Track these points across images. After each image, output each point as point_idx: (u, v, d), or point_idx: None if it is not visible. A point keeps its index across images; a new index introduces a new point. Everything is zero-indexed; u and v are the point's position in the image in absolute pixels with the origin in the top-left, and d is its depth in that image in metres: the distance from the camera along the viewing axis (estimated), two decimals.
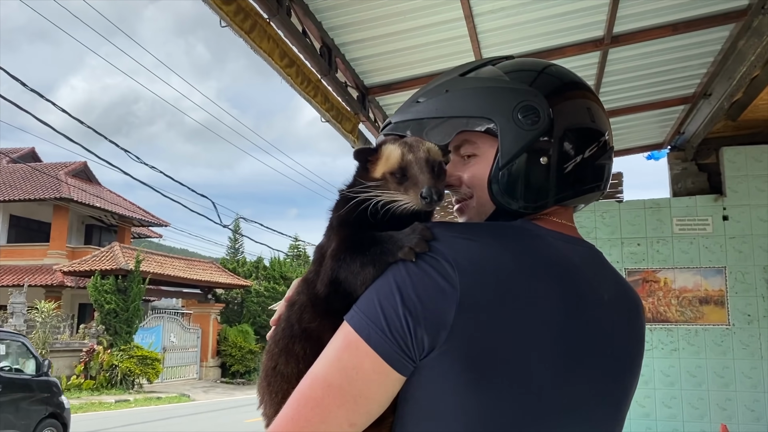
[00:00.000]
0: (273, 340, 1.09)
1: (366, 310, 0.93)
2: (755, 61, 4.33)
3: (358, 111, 4.59)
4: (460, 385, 0.90)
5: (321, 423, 0.91)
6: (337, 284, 0.99)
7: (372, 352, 0.91)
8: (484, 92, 1.10)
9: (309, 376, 0.95)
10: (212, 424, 14.01)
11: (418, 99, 1.17)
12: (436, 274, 0.91)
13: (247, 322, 27.49)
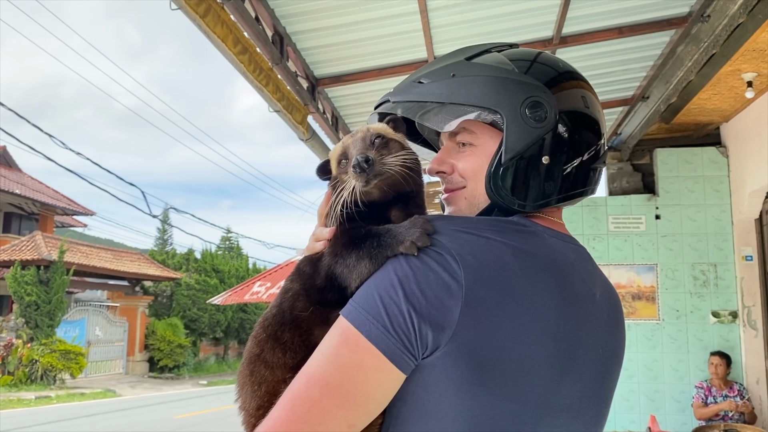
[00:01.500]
0: (261, 326, 1.03)
1: (365, 305, 0.89)
2: (692, 67, 4.53)
3: (308, 102, 4.52)
4: (465, 385, 0.87)
5: (319, 424, 0.85)
6: (333, 278, 0.97)
7: (373, 349, 0.86)
8: (492, 82, 1.05)
9: (304, 374, 0.89)
10: (139, 421, 13.58)
11: (420, 79, 1.11)
12: (441, 269, 0.88)
13: (177, 316, 26.79)
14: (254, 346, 1.01)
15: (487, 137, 1.08)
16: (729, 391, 5.69)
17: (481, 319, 0.86)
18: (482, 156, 1.08)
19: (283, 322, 1.00)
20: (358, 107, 5.37)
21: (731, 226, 6.21)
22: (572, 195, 1.08)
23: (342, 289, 0.95)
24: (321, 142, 5.30)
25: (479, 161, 1.08)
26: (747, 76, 5.11)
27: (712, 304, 6.09)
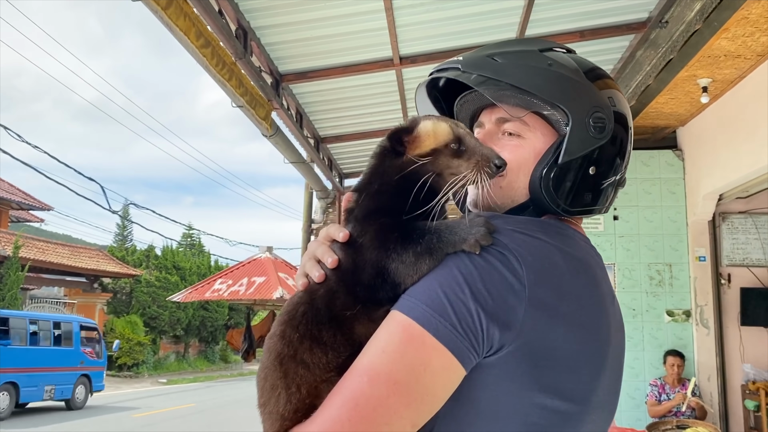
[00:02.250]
0: (289, 326, 0.95)
1: (429, 303, 0.86)
2: (650, 71, 4.64)
3: (272, 98, 4.49)
4: (525, 384, 0.88)
5: (385, 424, 0.82)
6: (384, 274, 0.92)
7: (441, 347, 0.85)
8: (566, 81, 1.05)
9: (365, 372, 0.85)
10: (96, 420, 13.31)
11: (493, 56, 1.07)
12: (504, 268, 0.88)
13: (136, 313, 26.32)
14: (284, 346, 0.93)
15: (540, 134, 1.07)
16: (681, 389, 5.85)
17: (540, 318, 0.88)
18: (530, 150, 1.07)
19: (320, 320, 0.93)
20: (323, 104, 5.36)
21: (686, 228, 6.38)
22: (597, 209, 1.11)
23: (394, 286, 0.91)
24: (285, 138, 5.28)
25: (526, 155, 1.07)
26: (702, 82, 5.26)
27: (666, 304, 6.25)
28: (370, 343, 0.88)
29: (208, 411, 15.06)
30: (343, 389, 0.85)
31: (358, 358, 0.87)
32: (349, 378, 0.86)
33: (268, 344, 0.97)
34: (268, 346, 0.97)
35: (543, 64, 1.05)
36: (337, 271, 0.96)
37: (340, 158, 7.02)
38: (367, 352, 0.87)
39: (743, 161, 5.25)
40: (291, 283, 6.04)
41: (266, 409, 0.93)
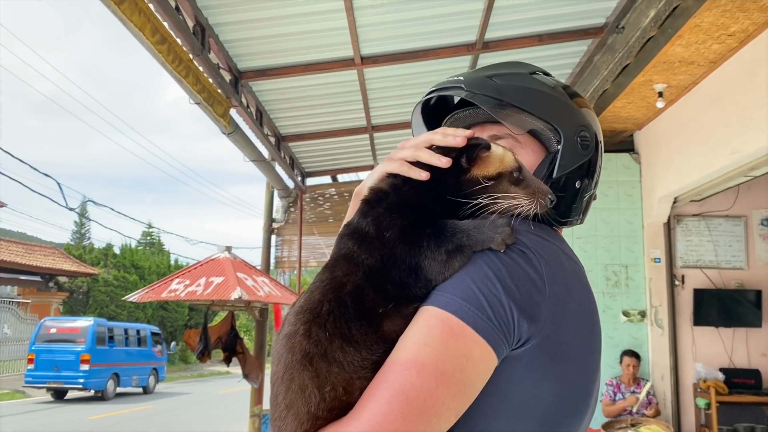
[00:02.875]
0: (316, 324, 0.93)
1: (465, 297, 0.90)
2: (607, 76, 4.72)
3: (231, 95, 4.43)
4: (545, 375, 0.93)
5: (434, 415, 0.85)
6: (418, 271, 0.94)
7: (480, 340, 0.88)
8: (557, 102, 1.14)
9: (411, 365, 0.87)
10: (50, 422, 12.97)
11: (492, 77, 1.14)
12: (527, 265, 0.94)
13: (94, 313, 25.77)
14: (313, 346, 0.91)
15: (530, 150, 1.15)
16: (636, 388, 5.97)
17: (557, 313, 0.94)
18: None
19: (348, 318, 0.93)
20: (283, 102, 5.31)
21: (642, 230, 6.51)
22: (578, 220, 1.19)
23: (427, 282, 0.93)
24: (244, 136, 5.22)
25: None
26: (658, 87, 5.37)
27: (622, 304, 6.38)
28: (407, 338, 0.90)
29: (166, 412, 14.84)
30: (388, 383, 0.86)
31: (396, 353, 0.89)
32: (393, 372, 0.87)
33: (289, 344, 0.93)
34: (289, 345, 0.93)
35: (536, 86, 1.14)
36: (361, 265, 0.95)
37: (302, 157, 6.97)
38: (406, 347, 0.88)
39: (696, 165, 5.39)
40: (250, 284, 5.97)
41: (293, 410, 0.90)
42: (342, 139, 6.31)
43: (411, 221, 0.96)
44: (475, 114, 1.17)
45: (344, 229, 1.02)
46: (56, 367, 16.50)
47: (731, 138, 4.79)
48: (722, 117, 4.93)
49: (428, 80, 5.15)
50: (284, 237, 7.50)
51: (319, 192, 7.61)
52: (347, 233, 1.00)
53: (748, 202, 6.52)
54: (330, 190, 7.67)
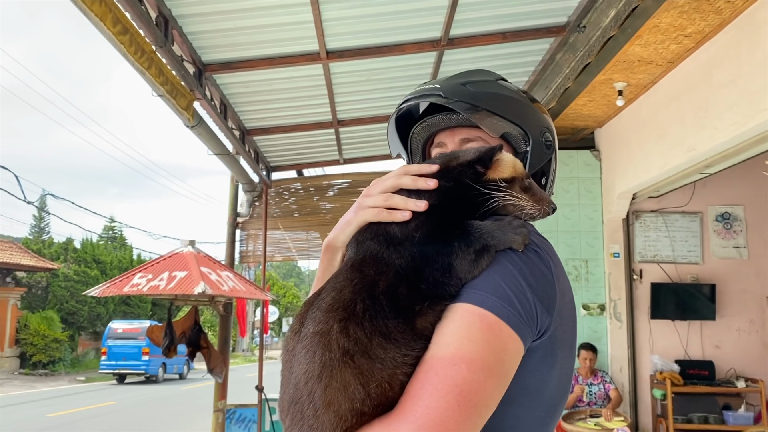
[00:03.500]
0: (352, 323, 0.92)
1: (497, 294, 0.95)
2: (569, 74, 4.80)
3: (194, 88, 4.38)
4: (554, 364, 1.01)
5: (484, 407, 0.90)
6: (450, 269, 0.98)
7: (514, 334, 0.94)
8: (524, 106, 1.21)
9: (459, 360, 0.90)
10: (6, 421, 12.67)
11: (465, 83, 1.22)
12: (541, 263, 1.01)
13: (53, 309, 25.19)
14: (352, 343, 0.91)
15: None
16: (594, 379, 6.11)
17: (562, 306, 1.03)
18: None
19: (386, 315, 0.94)
20: (248, 96, 5.28)
21: (602, 225, 6.66)
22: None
23: (458, 281, 0.98)
24: (208, 129, 5.17)
25: None
26: (618, 86, 5.50)
27: (582, 298, 6.51)
28: (447, 334, 0.93)
29: (129, 409, 14.61)
30: (439, 378, 0.88)
31: (439, 349, 0.91)
32: (442, 367, 0.89)
33: (324, 342, 0.91)
34: (324, 343, 0.91)
35: (505, 92, 1.22)
36: (391, 265, 0.98)
37: (267, 151, 6.93)
38: (449, 343, 0.91)
39: (654, 162, 5.52)
40: (214, 278, 5.91)
41: (332, 408, 0.88)
42: (307, 133, 6.29)
43: (438, 223, 1.01)
44: (447, 119, 1.23)
45: (363, 234, 1.04)
46: (123, 357, 21.36)
47: (687, 136, 4.93)
48: (679, 116, 5.07)
49: (394, 75, 5.18)
50: (249, 231, 7.45)
51: (284, 186, 7.58)
52: (370, 237, 1.02)
53: (704, 198, 6.72)
54: (295, 184, 7.65)
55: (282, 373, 0.97)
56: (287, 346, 0.97)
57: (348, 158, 7.42)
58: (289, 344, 0.97)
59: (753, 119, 4.03)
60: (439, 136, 1.27)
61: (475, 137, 1.22)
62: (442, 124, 1.25)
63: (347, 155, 7.30)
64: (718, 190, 6.65)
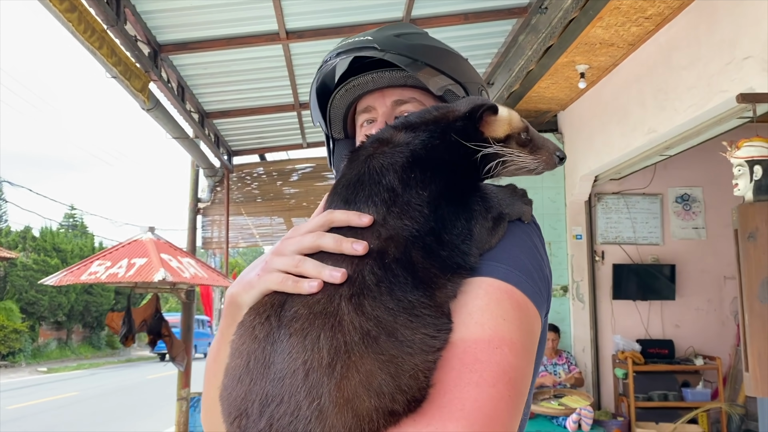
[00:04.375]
0: (367, 297, 0.75)
1: (520, 269, 0.86)
2: (531, 56, 4.79)
3: (150, 69, 4.25)
4: (543, 340, 0.95)
5: (525, 387, 0.79)
6: (470, 236, 0.84)
7: (537, 313, 0.86)
8: (461, 61, 1.09)
9: (500, 342, 0.77)
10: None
11: (399, 35, 1.06)
12: (540, 236, 0.97)
13: (12, 299, 24.58)
14: (373, 323, 0.74)
15: None
16: (558, 360, 6.18)
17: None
18: None
19: (406, 288, 0.77)
20: (206, 77, 5.15)
21: (564, 207, 6.71)
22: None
23: (476, 250, 0.85)
24: (166, 112, 5.03)
25: None
26: (580, 68, 5.50)
27: None
28: (476, 312, 0.80)
29: (91, 399, 14.37)
30: (483, 365, 0.75)
31: (471, 329, 0.78)
32: (482, 351, 0.76)
33: (330, 323, 0.73)
34: (330, 325, 0.73)
35: (439, 44, 1.08)
36: (405, 231, 0.81)
37: (228, 135, 6.80)
38: (482, 323, 0.78)
39: (616, 144, 5.56)
40: (175, 265, 5.80)
41: (351, 407, 0.70)
42: (269, 116, 6.18)
43: (448, 183, 0.86)
44: (378, 78, 1.07)
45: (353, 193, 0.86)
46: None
47: (648, 118, 4.97)
48: (640, 98, 5.10)
49: None
50: (211, 217, 7.32)
51: (246, 171, 7.46)
52: (363, 198, 0.84)
53: (664, 180, 6.81)
54: (258, 169, 7.53)
55: (240, 367, 0.76)
56: (252, 334, 0.78)
57: (312, 142, 7.32)
58: (254, 332, 0.77)
59: (711, 101, 4.07)
60: (365, 99, 1.10)
61: (409, 98, 1.07)
62: (371, 84, 1.08)
63: (311, 139, 7.21)
64: (678, 171, 6.75)
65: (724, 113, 4.11)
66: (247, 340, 0.78)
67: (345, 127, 1.16)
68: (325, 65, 1.08)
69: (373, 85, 1.08)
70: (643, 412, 6.14)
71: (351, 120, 1.16)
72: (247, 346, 0.77)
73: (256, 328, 0.78)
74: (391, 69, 1.06)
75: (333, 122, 1.14)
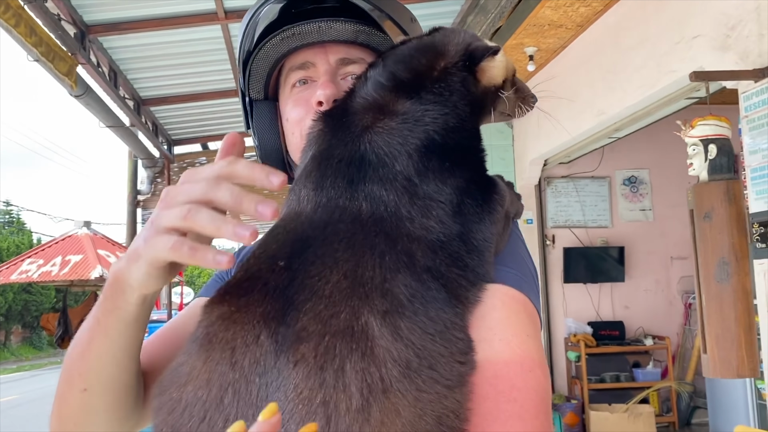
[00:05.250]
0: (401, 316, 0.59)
1: (525, 274, 0.77)
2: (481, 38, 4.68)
3: (76, 51, 3.95)
4: None
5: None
6: (491, 238, 0.71)
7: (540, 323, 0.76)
8: (409, 14, 0.93)
9: (534, 364, 0.66)
10: None
11: None
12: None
13: None
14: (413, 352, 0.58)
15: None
16: None
17: None
18: None
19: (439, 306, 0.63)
20: (141, 61, 4.85)
21: None
22: None
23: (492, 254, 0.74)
24: (98, 99, 4.73)
25: None
26: (529, 50, 5.43)
27: None
28: (497, 327, 0.67)
29: (32, 403, 13.79)
30: (520, 392, 0.64)
31: (497, 350, 0.66)
32: (516, 376, 0.65)
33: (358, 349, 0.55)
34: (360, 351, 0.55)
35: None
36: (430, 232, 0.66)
37: (167, 123, 6.48)
38: (507, 340, 0.67)
39: (565, 127, 5.53)
40: (113, 261, 5.50)
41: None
42: (210, 102, 5.90)
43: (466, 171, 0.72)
44: (324, 29, 0.85)
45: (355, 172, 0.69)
46: None
47: (597, 100, 4.94)
48: (589, 80, 5.06)
49: None
50: (151, 210, 7.00)
51: (188, 161, 7.15)
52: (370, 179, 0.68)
53: (612, 163, 6.85)
54: (201, 159, 7.24)
55: (205, 401, 0.55)
56: (230, 358, 0.56)
57: None
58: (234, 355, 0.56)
59: (660, 81, 4.05)
60: (302, 53, 0.88)
61: (357, 59, 0.88)
62: (314, 35, 0.85)
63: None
64: (625, 154, 6.79)
65: (674, 93, 4.09)
66: (220, 365, 0.56)
67: (266, 89, 0.93)
68: (260, 8, 0.89)
69: (317, 36, 0.86)
70: (596, 394, 6.18)
71: (275, 80, 0.94)
72: (221, 373, 0.55)
73: (237, 349, 0.56)
74: (341, 19, 0.85)
75: (253, 78, 0.91)
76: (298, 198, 0.70)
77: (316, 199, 0.68)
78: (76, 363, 0.72)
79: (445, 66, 0.77)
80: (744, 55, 3.32)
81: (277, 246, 0.64)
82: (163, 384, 0.60)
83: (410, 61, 0.77)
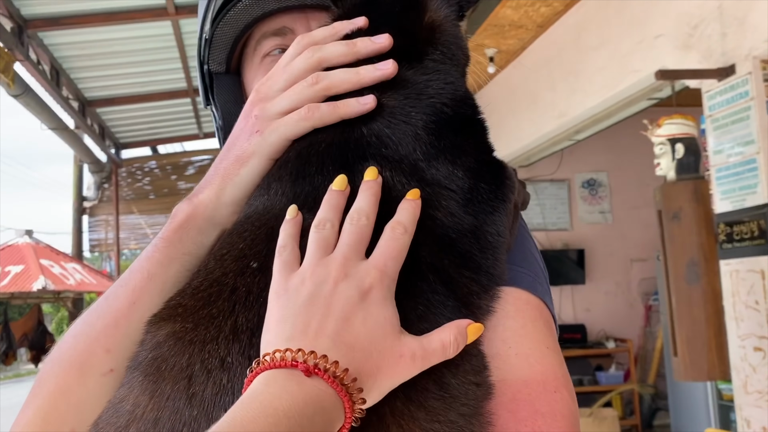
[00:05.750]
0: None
1: (536, 273, 0.66)
2: None
3: (13, 47, 3.70)
4: None
5: None
6: (502, 233, 0.61)
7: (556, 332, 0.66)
8: None
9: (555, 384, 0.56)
10: None
11: None
12: None
13: None
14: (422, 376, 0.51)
15: None
16: None
17: None
18: None
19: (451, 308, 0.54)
20: (84, 59, 4.60)
21: None
22: None
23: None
24: (38, 99, 4.46)
25: None
26: (489, 52, 5.37)
27: None
28: (513, 340, 0.58)
29: None
30: (546, 419, 0.54)
31: (516, 367, 0.56)
32: (540, 398, 0.55)
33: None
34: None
35: None
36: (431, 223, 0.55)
37: (115, 125, 6.20)
38: (527, 355, 0.57)
39: (525, 130, 5.49)
40: (57, 272, 5.23)
41: None
42: (160, 104, 5.67)
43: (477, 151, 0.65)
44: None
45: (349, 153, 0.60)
46: None
47: (558, 102, 4.90)
48: (549, 81, 5.03)
49: None
50: (99, 217, 6.69)
51: (137, 165, 6.87)
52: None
53: (571, 166, 6.85)
54: (150, 163, 6.96)
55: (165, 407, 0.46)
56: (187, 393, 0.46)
57: (209, 132, 6.83)
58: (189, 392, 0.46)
59: (622, 81, 4.02)
60: (277, 19, 0.75)
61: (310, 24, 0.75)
62: (275, 2, 0.72)
63: (208, 128, 6.72)
64: (584, 157, 6.80)
65: (637, 93, 4.07)
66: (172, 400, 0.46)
67: (229, 58, 0.77)
68: None
69: (284, 2, 0.72)
70: None
71: (243, 48, 0.79)
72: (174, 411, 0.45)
73: (195, 378, 0.46)
74: None
75: (215, 47, 0.76)
76: (267, 191, 0.59)
77: (294, 189, 0.57)
78: (100, 337, 0.57)
79: (439, 22, 0.68)
80: (707, 54, 3.30)
81: (245, 245, 0.54)
82: (98, 427, 0.49)
83: (398, 19, 0.66)
